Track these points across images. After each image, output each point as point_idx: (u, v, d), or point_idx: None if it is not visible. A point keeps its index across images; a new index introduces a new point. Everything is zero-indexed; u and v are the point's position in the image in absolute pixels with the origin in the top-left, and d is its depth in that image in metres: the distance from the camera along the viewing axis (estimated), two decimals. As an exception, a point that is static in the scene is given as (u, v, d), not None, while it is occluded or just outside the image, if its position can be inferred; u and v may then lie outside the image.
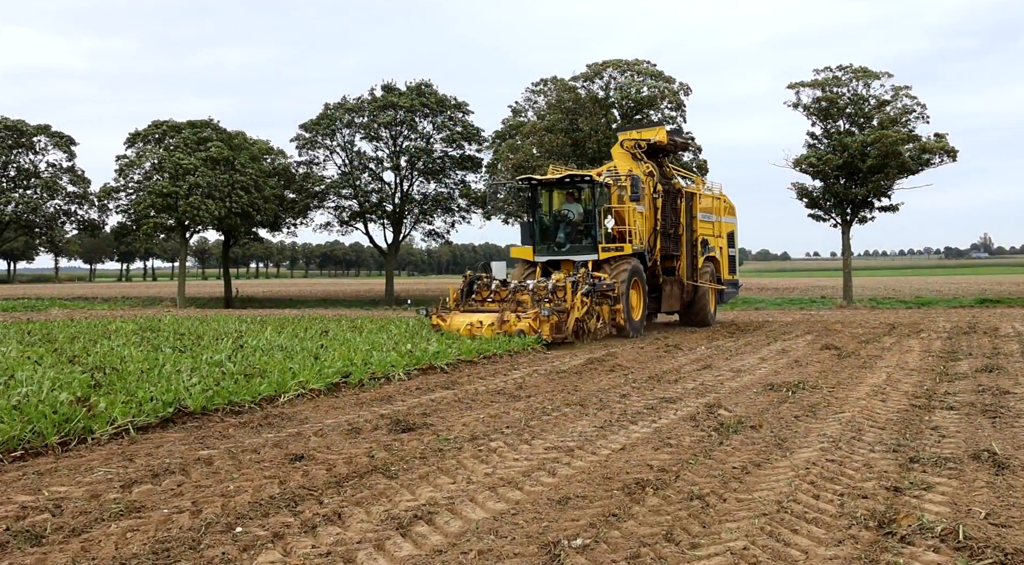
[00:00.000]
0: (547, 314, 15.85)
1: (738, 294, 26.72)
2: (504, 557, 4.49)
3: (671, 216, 21.23)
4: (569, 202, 19.68)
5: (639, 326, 18.83)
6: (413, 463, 6.56)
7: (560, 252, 19.37)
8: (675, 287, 21.17)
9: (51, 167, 50.47)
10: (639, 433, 7.77)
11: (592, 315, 17.09)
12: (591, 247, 18.95)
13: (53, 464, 6.54)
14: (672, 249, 21.24)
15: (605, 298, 17.62)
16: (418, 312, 19.30)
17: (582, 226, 19.38)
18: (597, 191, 19.14)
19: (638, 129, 22.21)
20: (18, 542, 4.70)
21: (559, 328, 16.02)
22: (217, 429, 7.98)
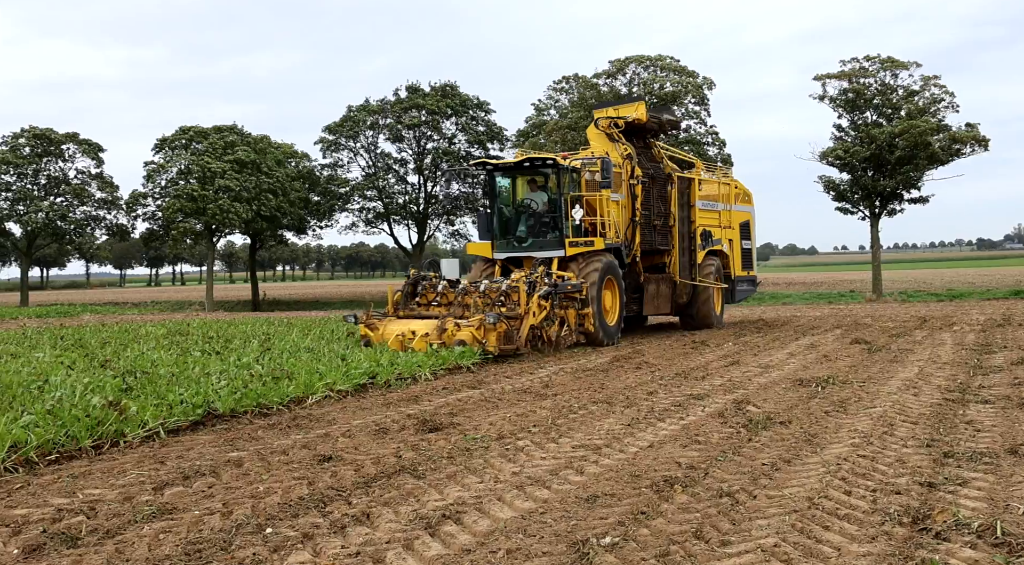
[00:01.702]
0: (492, 321, 13.23)
1: (755, 292, 24.17)
2: (533, 556, 4.48)
3: (658, 205, 18.60)
4: (533, 190, 17.27)
5: (614, 332, 16.47)
6: (441, 463, 6.57)
7: (521, 248, 16.92)
8: (663, 286, 18.71)
9: (80, 174, 51.22)
10: (667, 430, 7.73)
11: (553, 321, 14.64)
12: (557, 241, 16.51)
13: (87, 467, 6.63)
14: (659, 243, 18.67)
15: (571, 301, 15.29)
16: (345, 319, 16.07)
17: (547, 217, 16.88)
18: (563, 177, 16.54)
19: (615, 106, 19.31)
20: (55, 544, 4.76)
21: (509, 338, 13.49)
22: (246, 431, 8.05)
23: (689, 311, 19.73)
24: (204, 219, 45.52)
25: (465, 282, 15.45)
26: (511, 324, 13.69)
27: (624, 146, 18.03)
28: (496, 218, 17.15)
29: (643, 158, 18.74)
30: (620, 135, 18.26)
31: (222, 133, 47.69)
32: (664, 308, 18.86)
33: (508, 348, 13.41)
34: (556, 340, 14.72)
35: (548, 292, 14.49)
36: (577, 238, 16.45)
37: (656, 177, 18.62)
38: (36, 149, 49.48)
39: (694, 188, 19.42)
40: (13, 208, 48.51)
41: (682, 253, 19.07)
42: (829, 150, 35.08)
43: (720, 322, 20.37)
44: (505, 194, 17.46)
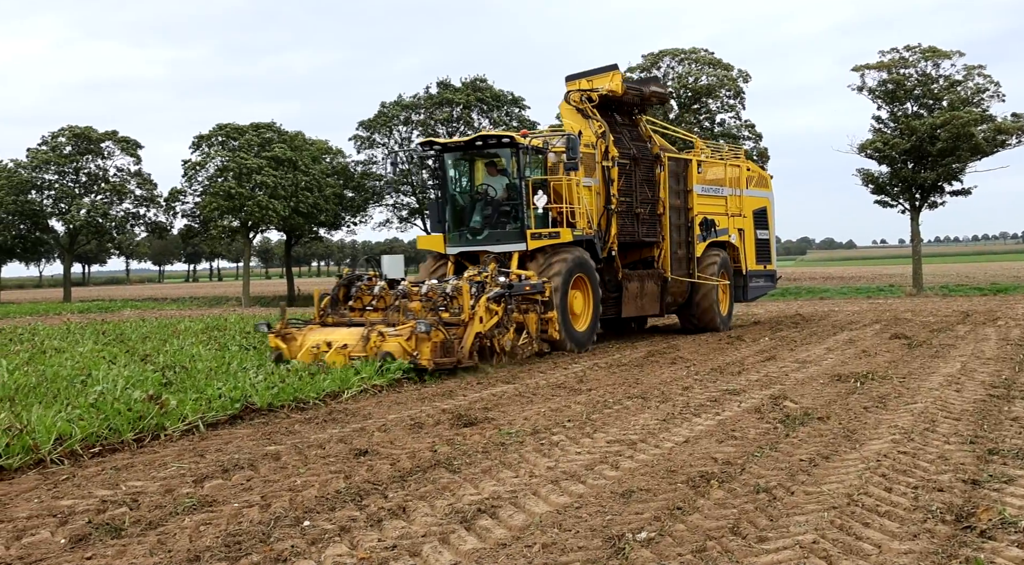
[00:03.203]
0: (424, 330, 10.99)
1: (775, 288, 21.06)
2: (568, 550, 4.48)
3: (643, 190, 16.23)
4: (492, 175, 14.95)
5: (585, 338, 14.32)
6: (476, 457, 6.59)
7: (476, 241, 14.60)
8: (649, 283, 16.35)
9: (119, 172, 52.11)
10: (703, 426, 7.68)
11: (507, 328, 12.39)
12: (517, 234, 14.17)
13: (129, 460, 6.76)
14: (645, 233, 16.29)
15: (532, 303, 13.14)
16: (256, 328, 13.41)
17: (506, 206, 14.55)
18: (522, 158, 14.22)
19: (589, 76, 16.41)
20: (100, 534, 4.87)
21: (447, 349, 11.27)
22: (283, 425, 8.14)
23: (688, 311, 17.52)
24: (241, 216, 46.08)
25: (406, 283, 13.12)
26: (452, 332, 11.48)
27: (598, 123, 15.51)
28: (449, 207, 14.84)
29: (625, 136, 16.32)
30: (594, 110, 15.73)
31: (259, 130, 48.23)
32: (650, 308, 16.50)
33: (446, 361, 11.14)
34: (511, 350, 12.48)
35: (500, 294, 12.16)
36: (540, 229, 14.21)
37: (640, 158, 16.20)
38: (76, 147, 50.43)
39: (691, 171, 17.12)
40: (56, 206, 49.52)
41: (675, 245, 16.79)
42: (868, 142, 34.52)
43: (726, 324, 17.86)
44: (461, 179, 15.31)
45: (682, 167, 17.10)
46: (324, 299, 13.16)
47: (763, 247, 19.35)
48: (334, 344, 11.47)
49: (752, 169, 19.33)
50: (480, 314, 11.74)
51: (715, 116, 39.17)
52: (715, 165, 18.17)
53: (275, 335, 12.23)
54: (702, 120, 38.28)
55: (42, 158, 49.16)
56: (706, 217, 17.43)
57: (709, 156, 18.27)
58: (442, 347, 11.22)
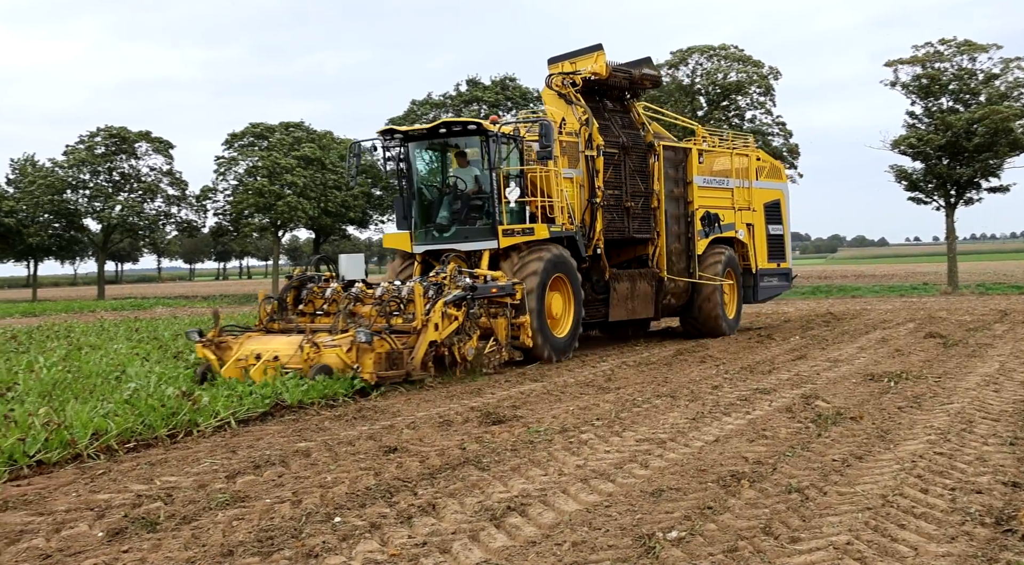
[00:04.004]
0: (365, 339, 9.71)
1: (790, 288, 19.37)
2: (598, 549, 4.47)
3: (634, 182, 14.92)
4: (463, 166, 13.68)
5: (565, 345, 13.00)
6: (504, 455, 6.60)
7: (443, 238, 13.29)
8: (642, 283, 14.99)
9: (152, 171, 52.82)
10: (733, 425, 7.62)
11: (468, 334, 11.02)
12: (488, 230, 12.90)
13: (163, 455, 6.85)
14: (637, 229, 14.96)
15: (502, 306, 11.85)
16: (187, 336, 11.66)
17: (477, 200, 13.28)
18: (492, 147, 12.74)
19: (572, 58, 15.12)
20: (136, 528, 4.94)
21: (394, 361, 10.02)
22: (313, 422, 8.20)
23: (689, 314, 16.12)
24: (271, 215, 46.51)
25: (361, 285, 11.81)
26: (402, 341, 10.24)
27: (582, 109, 14.30)
28: (416, 202, 13.56)
29: (614, 124, 15.04)
30: (577, 95, 14.45)
31: (289, 129, 48.67)
32: (643, 311, 15.13)
33: (393, 374, 9.94)
34: (476, 359, 11.18)
35: (460, 297, 10.83)
36: (514, 225, 12.91)
37: (630, 147, 14.88)
38: (110, 147, 51.19)
39: (691, 161, 15.82)
40: (90, 204, 50.32)
41: (672, 242, 15.50)
42: (901, 138, 34.02)
43: (732, 327, 16.39)
44: (428, 171, 14.08)
45: (680, 157, 15.79)
46: (271, 304, 11.77)
47: (776, 243, 17.86)
48: (264, 355, 10.01)
49: (763, 159, 17.89)
50: (435, 320, 10.40)
51: (744, 113, 38.79)
52: (720, 154, 16.77)
53: (204, 345, 10.64)
54: (731, 117, 37.95)
55: (78, 158, 49.95)
56: (708, 211, 16.07)
57: (713, 145, 16.92)
58: (388, 358, 9.90)
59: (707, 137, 17.03)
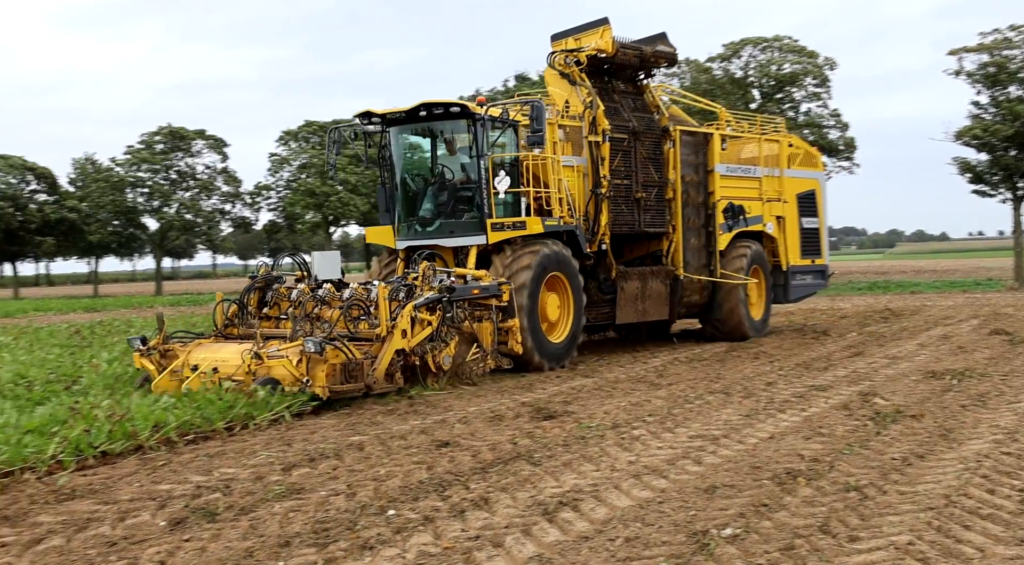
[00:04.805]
0: (315, 349, 8.54)
1: (826, 286, 17.87)
2: (652, 545, 4.44)
3: (646, 171, 13.59)
4: (451, 153, 12.37)
5: (562, 350, 11.71)
6: (556, 450, 6.60)
7: (426, 233, 12.10)
8: (654, 282, 13.66)
9: (207, 169, 53.95)
10: (788, 422, 7.51)
11: (444, 341, 9.80)
12: (476, 224, 11.70)
13: (221, 447, 6.99)
14: (649, 223, 13.63)
15: (486, 309, 10.64)
16: (129, 343, 10.27)
17: (466, 191, 12.02)
18: (479, 131, 11.51)
19: (576, 34, 13.76)
20: (196, 518, 5.06)
21: (350, 373, 8.80)
22: (366, 416, 8.29)
23: (710, 315, 14.70)
24: (324, 212, 47.20)
25: (329, 286, 10.60)
26: (365, 350, 9.11)
27: (587, 90, 12.96)
28: (400, 193, 12.39)
29: (624, 107, 13.73)
30: (582, 75, 13.08)
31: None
32: (656, 312, 13.77)
33: (349, 388, 8.73)
34: (456, 368, 10.08)
35: (434, 299, 9.69)
36: (504, 218, 11.69)
37: (642, 132, 13.57)
38: (168, 146, 52.42)
39: (713, 147, 14.40)
40: (148, 202, 51.64)
41: (689, 236, 14.11)
42: (965, 129, 33.02)
43: (759, 330, 14.96)
44: (412, 159, 12.85)
45: (700, 143, 14.34)
46: (230, 307, 10.67)
47: (810, 238, 16.30)
48: (201, 366, 9.01)
49: (796, 145, 16.38)
50: (403, 326, 9.24)
51: (799, 105, 38.08)
52: (747, 141, 15.37)
53: (142, 354, 9.62)
54: (785, 110, 37.29)
55: (139, 157, 51.27)
56: (732, 202, 14.65)
57: (740, 129, 15.57)
58: (344, 370, 8.72)
59: (732, 121, 15.65)
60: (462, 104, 11.59)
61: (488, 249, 11.61)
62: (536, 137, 11.11)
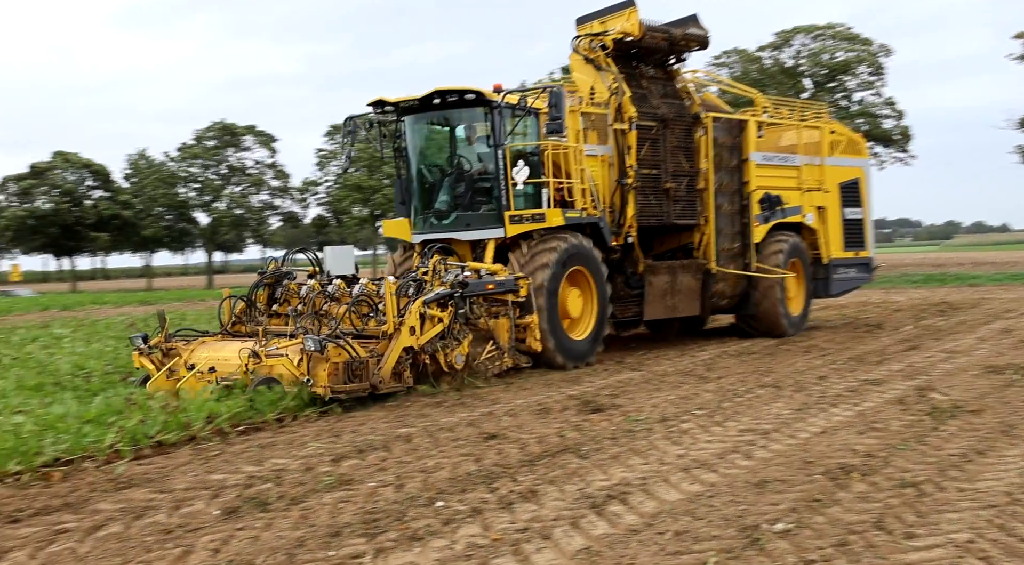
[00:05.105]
0: (315, 347, 8.19)
1: (870, 279, 16.93)
2: (702, 539, 4.40)
3: (676, 160, 12.97)
4: (470, 142, 11.91)
5: (585, 348, 11.21)
6: (604, 443, 6.57)
7: (441, 226, 11.71)
8: (685, 277, 13.04)
9: (256, 164, 54.85)
10: (841, 416, 7.37)
11: (456, 339, 9.41)
12: (493, 216, 11.25)
13: (271, 439, 7.10)
14: (679, 214, 12.98)
15: (502, 305, 10.24)
16: (131, 341, 9.75)
17: (484, 182, 11.52)
18: (497, 119, 11.02)
19: (601, 17, 13.22)
20: (248, 507, 5.15)
21: (354, 372, 8.45)
22: (414, 408, 8.33)
23: (744, 311, 14.01)
24: (371, 206, 47.65)
25: (339, 282, 10.31)
26: (370, 348, 8.74)
27: (613, 76, 12.41)
28: (416, 184, 12.00)
29: (653, 93, 13.14)
30: (608, 60, 12.55)
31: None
32: (686, 308, 13.18)
33: (353, 388, 8.36)
34: (469, 367, 9.61)
35: (444, 295, 9.35)
36: (523, 211, 11.20)
37: (672, 119, 12.94)
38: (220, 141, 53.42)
39: (748, 134, 13.71)
40: (200, 197, 52.71)
41: (723, 228, 13.42)
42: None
43: (797, 326, 14.19)
44: (429, 148, 12.34)
45: (734, 130, 13.68)
46: (238, 305, 10.41)
47: (854, 229, 15.46)
48: (198, 365, 8.73)
49: (839, 132, 15.64)
50: (411, 323, 8.88)
51: (852, 94, 37.29)
52: (784, 128, 14.73)
53: (141, 353, 9.26)
54: (838, 99, 36.55)
55: (192, 152, 52.35)
56: (769, 192, 13.90)
57: (778, 116, 14.88)
58: (347, 369, 8.38)
59: (768, 107, 14.89)
60: (477, 91, 11.02)
61: (507, 243, 11.14)
62: (555, 125, 10.63)
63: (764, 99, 15.07)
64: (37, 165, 54.99)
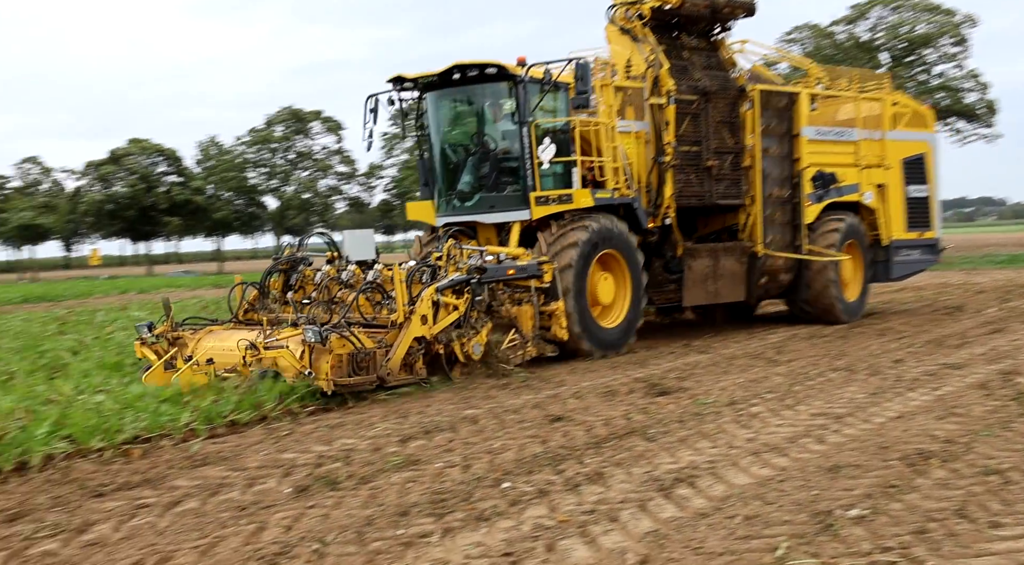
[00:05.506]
0: (315, 338, 7.67)
1: (937, 262, 15.64)
2: (772, 524, 4.31)
3: (719, 136, 12.25)
4: (496, 120, 11.26)
5: (616, 338, 10.66)
6: (671, 426, 6.49)
7: (464, 208, 11.19)
8: (728, 261, 12.31)
9: (323, 149, 55.74)
10: (918, 401, 7.14)
11: (474, 328, 8.87)
12: (518, 197, 10.72)
13: (340, 419, 7.21)
14: (722, 194, 12.26)
15: (525, 291, 9.69)
16: (137, 329, 9.24)
17: (509, 161, 10.97)
18: (522, 95, 10.46)
19: None
20: (319, 486, 5.24)
21: (359, 364, 7.91)
22: (480, 390, 8.36)
23: (796, 296, 13.18)
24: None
25: (354, 268, 9.75)
26: (375, 339, 8.21)
27: (649, 47, 11.67)
28: (440, 164, 11.42)
29: (695, 65, 12.42)
30: (646, 30, 11.82)
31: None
32: (729, 293, 12.49)
33: (358, 381, 7.86)
34: (489, 357, 9.03)
35: (460, 282, 8.82)
36: (549, 191, 10.60)
37: (714, 92, 12.18)
38: (289, 127, 54.43)
39: (799, 108, 12.84)
40: (268, 182, 53.89)
41: (770, 208, 12.60)
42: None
43: (853, 312, 13.28)
44: (453, 127, 11.65)
45: (784, 104, 12.78)
46: (251, 292, 9.92)
47: (918, 208, 14.41)
48: (196, 356, 8.32)
49: (903, 103, 14.61)
50: (423, 311, 8.36)
51: (932, 68, 35.87)
52: (841, 100, 13.81)
53: (144, 342, 8.90)
54: (917, 73, 35.23)
55: (261, 136, 53.48)
56: (822, 170, 13.03)
57: (834, 87, 13.96)
58: (352, 361, 7.88)
59: (823, 78, 14.00)
60: (499, 65, 10.45)
61: (533, 225, 10.59)
62: (582, 99, 10.06)
63: (819, 70, 14.32)
64: (116, 151, 56.99)
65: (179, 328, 9.09)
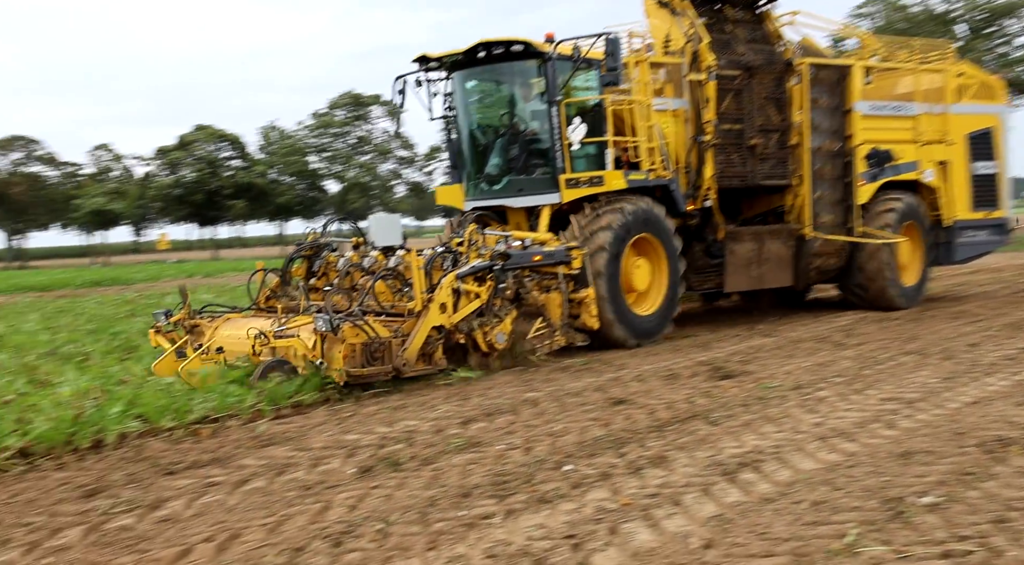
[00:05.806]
0: (326, 327, 7.38)
1: (1006, 242, 14.49)
2: (841, 510, 4.21)
3: (765, 113, 11.60)
4: (527, 100, 10.85)
5: (653, 325, 10.16)
6: (734, 410, 6.39)
7: (492, 192, 10.77)
8: (774, 244, 11.67)
9: (383, 133, 56.21)
10: (996, 386, 6.89)
11: (497, 317, 8.43)
12: (547, 181, 10.31)
13: (402, 401, 7.28)
14: (767, 174, 11.63)
15: (552, 279, 9.19)
16: (154, 317, 9.21)
17: (539, 143, 10.53)
18: (551, 72, 10.03)
19: None
20: (382, 467, 5.30)
21: (373, 354, 7.60)
22: (541, 374, 8.35)
23: (849, 280, 12.44)
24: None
25: (376, 254, 9.37)
26: (391, 328, 7.85)
27: (688, 21, 11.07)
28: (469, 146, 11.06)
29: (738, 38, 11.79)
30: (685, 4, 11.24)
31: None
32: (774, 279, 11.82)
33: (372, 372, 7.55)
34: (514, 347, 8.67)
35: (481, 268, 8.40)
36: (580, 174, 10.17)
37: (759, 67, 11.49)
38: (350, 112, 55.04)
39: (852, 82, 12.08)
40: (329, 167, 54.62)
41: (821, 188, 11.87)
42: None
43: (911, 298, 12.50)
44: (482, 107, 11.27)
45: (835, 78, 12.02)
46: (272, 279, 9.75)
47: (984, 186, 13.45)
48: (206, 345, 8.21)
49: (968, 74, 13.60)
50: (441, 299, 8.00)
51: (1013, 39, 34.28)
52: (900, 73, 12.98)
53: (158, 331, 8.82)
54: (996, 45, 33.76)
55: (323, 122, 54.20)
56: (877, 147, 12.23)
57: (892, 59, 13.12)
58: (366, 350, 7.58)
59: (880, 50, 13.26)
60: (525, 41, 10.00)
61: (565, 209, 10.16)
62: (612, 76, 9.58)
63: (875, 41, 13.63)
64: (184, 137, 58.45)
65: (197, 316, 9.00)
